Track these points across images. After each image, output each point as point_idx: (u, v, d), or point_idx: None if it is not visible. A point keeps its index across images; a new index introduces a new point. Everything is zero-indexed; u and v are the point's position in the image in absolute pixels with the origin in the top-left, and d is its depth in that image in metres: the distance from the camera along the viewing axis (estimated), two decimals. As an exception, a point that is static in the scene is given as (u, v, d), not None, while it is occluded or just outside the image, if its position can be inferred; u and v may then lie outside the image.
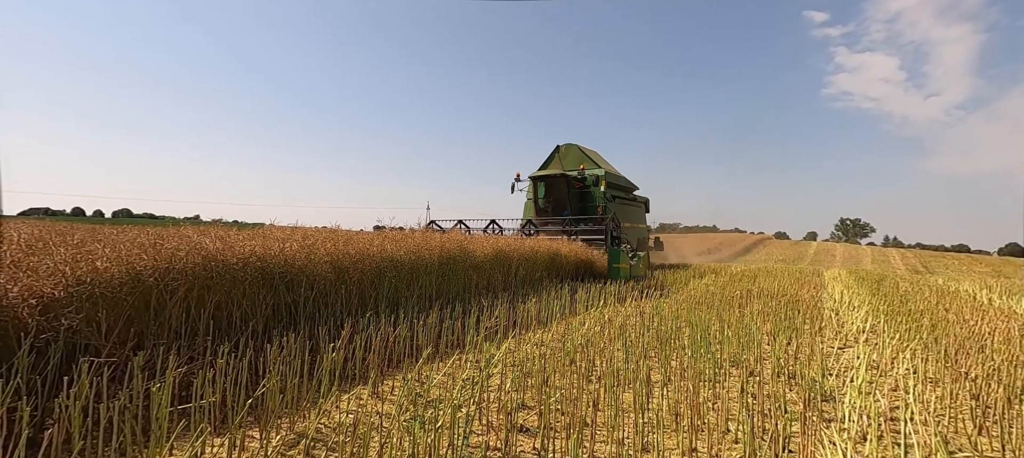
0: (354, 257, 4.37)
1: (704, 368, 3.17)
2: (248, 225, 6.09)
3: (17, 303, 2.16)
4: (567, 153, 13.88)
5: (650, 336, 4.13)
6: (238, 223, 7.43)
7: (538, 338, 4.17)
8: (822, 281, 11.03)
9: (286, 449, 2.07)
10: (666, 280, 9.92)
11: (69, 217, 32.83)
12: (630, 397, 2.73)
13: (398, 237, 5.62)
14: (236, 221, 8.50)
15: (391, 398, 2.80)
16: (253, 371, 2.81)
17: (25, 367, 2.11)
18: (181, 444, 2.06)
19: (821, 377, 3.12)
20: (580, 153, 13.68)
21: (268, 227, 5.22)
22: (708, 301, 6.59)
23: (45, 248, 2.76)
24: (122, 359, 2.47)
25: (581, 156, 13.62)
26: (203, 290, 3.05)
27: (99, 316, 2.48)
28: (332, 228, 5.89)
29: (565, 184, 12.46)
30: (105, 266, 2.59)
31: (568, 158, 13.64)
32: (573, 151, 13.84)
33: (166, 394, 1.98)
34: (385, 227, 7.37)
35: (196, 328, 3.03)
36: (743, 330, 4.23)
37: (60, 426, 1.81)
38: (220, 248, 3.23)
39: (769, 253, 38.84)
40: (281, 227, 5.32)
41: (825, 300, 7.51)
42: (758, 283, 9.42)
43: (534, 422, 2.48)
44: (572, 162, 13.32)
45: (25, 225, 3.95)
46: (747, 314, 5.40)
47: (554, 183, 12.64)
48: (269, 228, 5.07)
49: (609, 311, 5.55)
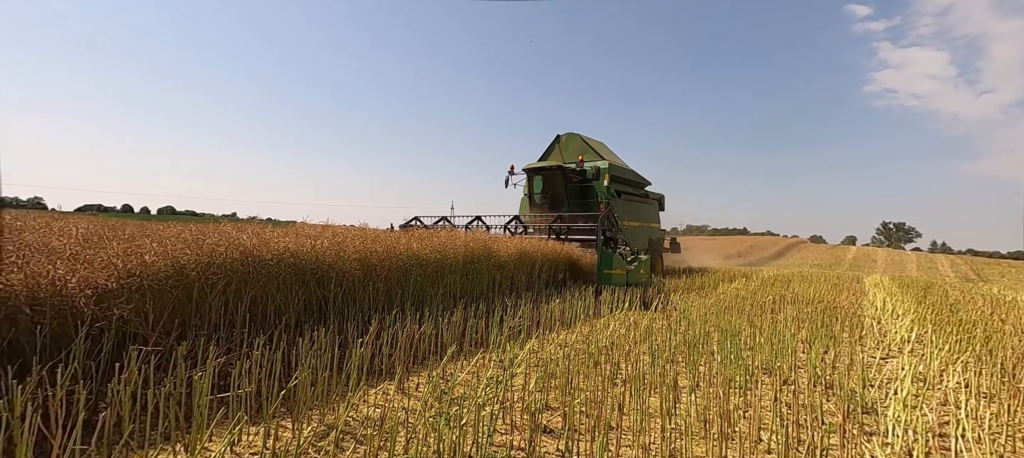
0: (381, 255, 4.47)
1: (734, 375, 3.06)
2: (281, 223, 6.33)
3: (75, 293, 2.32)
4: (568, 143, 12.40)
5: (677, 340, 4.03)
6: (272, 220, 7.73)
7: (562, 339, 4.14)
8: (862, 287, 10.49)
9: (317, 440, 2.14)
10: (679, 286, 9.65)
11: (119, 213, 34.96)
12: (656, 402, 2.67)
13: (424, 236, 5.70)
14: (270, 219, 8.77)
15: (416, 394, 2.84)
16: (286, 364, 2.91)
17: (81, 353, 2.26)
18: (219, 431, 2.16)
19: (862, 388, 2.97)
20: (582, 143, 12.18)
21: (300, 225, 5.40)
22: (738, 306, 6.38)
23: (99, 242, 2.95)
24: (167, 348, 2.62)
25: (583, 147, 12.10)
26: (240, 284, 3.18)
27: (147, 307, 2.63)
28: (360, 226, 6.04)
29: (561, 177, 11.01)
30: (153, 260, 2.74)
31: (569, 149, 12.19)
32: (575, 141, 12.33)
33: (206, 383, 2.08)
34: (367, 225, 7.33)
35: (234, 320, 3.17)
36: (776, 337, 4.07)
37: (112, 409, 1.93)
38: (256, 244, 3.37)
39: (804, 257, 37.22)
40: (312, 225, 5.50)
41: (865, 308, 7.13)
42: (792, 288, 9.04)
43: (558, 423, 2.46)
44: (573, 153, 11.87)
45: (82, 220, 4.24)
46: (780, 320, 5.19)
47: (550, 176, 11.24)
48: (301, 226, 5.25)
49: (635, 314, 5.46)
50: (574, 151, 12.01)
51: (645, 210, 13.07)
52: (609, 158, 11.94)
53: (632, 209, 12.08)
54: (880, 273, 20.24)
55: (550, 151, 12.62)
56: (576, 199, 11.17)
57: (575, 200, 11.15)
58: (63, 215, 6.96)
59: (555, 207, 11.06)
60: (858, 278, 13.74)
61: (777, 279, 11.46)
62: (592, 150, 11.95)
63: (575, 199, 11.16)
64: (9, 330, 2.14)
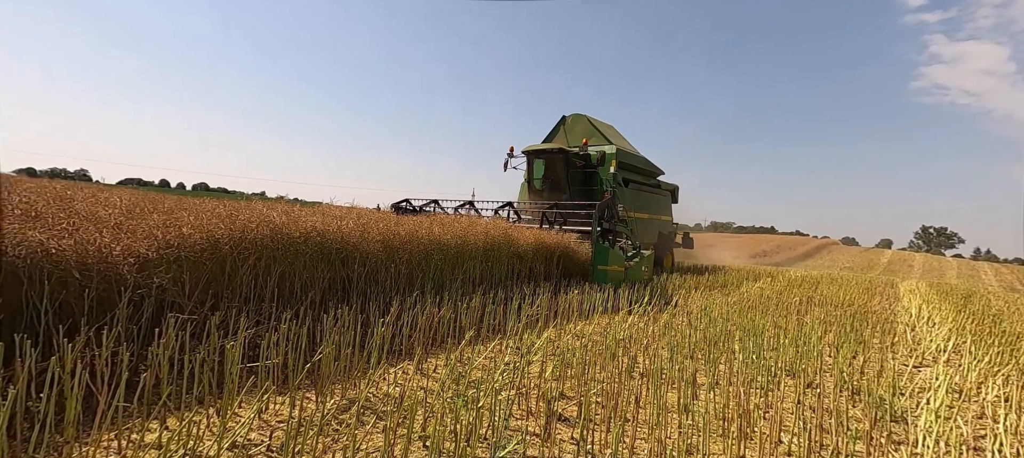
0: (404, 238, 4.54)
1: (756, 374, 3.00)
2: (308, 203, 6.50)
3: (119, 260, 2.45)
4: (574, 126, 11.31)
5: (698, 337, 3.97)
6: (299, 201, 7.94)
7: (579, 330, 4.14)
8: (896, 293, 10.04)
9: (339, 413, 2.21)
10: (701, 284, 9.44)
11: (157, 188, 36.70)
12: (674, 397, 2.65)
13: (446, 221, 5.75)
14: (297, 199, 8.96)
15: (434, 376, 2.90)
16: (311, 338, 3.02)
17: (124, 318, 2.40)
18: (248, 399, 2.26)
19: (891, 396, 2.86)
20: (589, 126, 11.09)
21: (326, 205, 5.54)
22: (763, 305, 6.22)
23: (141, 214, 3.11)
24: (201, 317, 2.75)
25: (589, 130, 11.02)
26: (270, 260, 3.30)
27: (184, 277, 2.76)
28: (385, 210, 6.14)
29: (563, 161, 10.06)
30: (190, 233, 2.87)
31: (575, 132, 11.12)
32: (581, 123, 11.24)
33: (237, 352, 2.18)
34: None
35: (263, 294, 3.30)
36: (801, 338, 3.95)
37: (151, 372, 2.05)
38: (285, 222, 3.48)
39: (834, 259, 35.82)
40: (338, 206, 5.62)
41: (899, 314, 6.83)
42: (820, 290, 8.74)
43: (573, 412, 2.47)
44: (579, 137, 10.92)
45: (125, 193, 4.46)
46: (806, 322, 5.04)
47: (551, 160, 10.33)
48: (327, 206, 5.38)
49: (654, 309, 5.40)
50: (580, 134, 10.99)
51: (656, 201, 12.08)
52: (618, 143, 10.89)
53: (641, 199, 11.08)
54: (917, 279, 19.31)
55: (554, 133, 11.58)
56: (578, 186, 10.18)
57: (577, 187, 10.17)
58: (107, 187, 7.35)
59: (555, 194, 10.17)
60: (892, 283, 13.15)
61: (804, 280, 11.09)
62: (599, 134, 10.91)
63: (577, 186, 10.18)
64: (61, 292, 2.28)
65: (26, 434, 1.71)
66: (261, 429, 2.04)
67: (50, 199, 3.07)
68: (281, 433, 2.01)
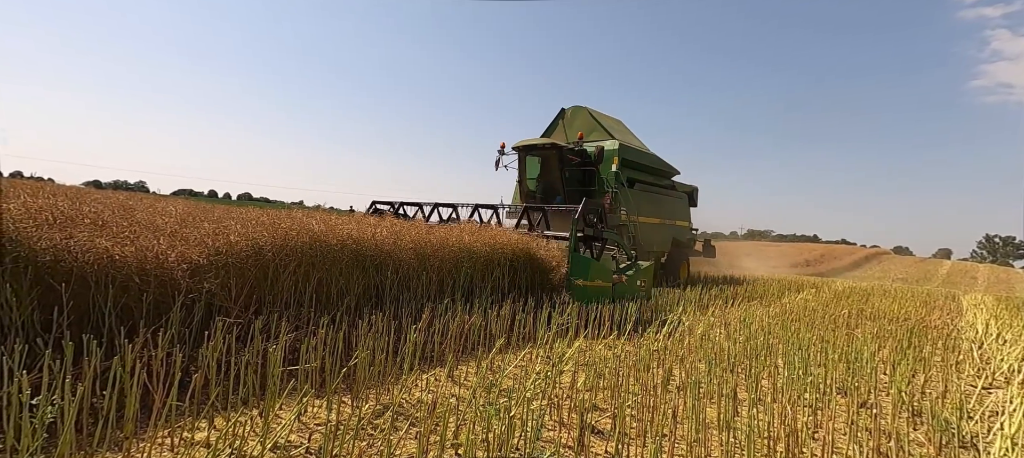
0: (435, 246, 4.61)
1: (803, 391, 2.83)
2: (342, 211, 6.72)
3: (174, 266, 2.61)
4: (573, 119, 10.17)
5: (737, 350, 3.80)
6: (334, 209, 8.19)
7: (610, 340, 4.05)
8: (958, 307, 9.26)
9: (374, 418, 2.25)
10: (739, 294, 9.02)
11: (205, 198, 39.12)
12: (714, 413, 2.53)
13: (475, 229, 5.80)
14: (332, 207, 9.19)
15: (465, 383, 2.91)
16: (346, 343, 3.10)
17: (177, 321, 2.55)
18: (288, 401, 2.34)
19: (958, 419, 2.62)
20: (589, 119, 9.98)
21: (360, 214, 5.70)
22: (807, 318, 5.89)
23: (193, 222, 3.31)
24: (246, 321, 2.88)
25: (590, 123, 9.89)
26: (309, 267, 3.43)
27: (230, 282, 2.91)
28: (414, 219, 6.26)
29: (557, 158, 8.86)
30: (236, 240, 3.03)
31: (574, 126, 10.00)
32: (581, 117, 10.11)
33: (279, 355, 2.27)
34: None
35: (302, 300, 3.42)
36: (853, 354, 3.70)
37: (201, 373, 2.16)
38: (324, 230, 3.61)
39: (886, 270, 33.50)
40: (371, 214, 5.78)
41: (963, 330, 6.29)
42: (872, 303, 8.18)
43: (606, 425, 2.41)
44: (580, 132, 9.86)
45: (179, 203, 4.77)
46: (858, 337, 4.72)
47: (545, 158, 9.16)
48: (361, 215, 5.54)
49: (689, 319, 5.21)
50: (580, 129, 9.88)
51: (668, 204, 10.79)
52: (623, 138, 9.79)
53: (649, 202, 9.89)
54: (981, 292, 17.75)
55: (553, 128, 10.50)
56: (575, 186, 9.00)
57: (574, 187, 8.97)
58: (163, 198, 7.90)
59: (550, 196, 9.05)
60: (953, 296, 12.14)
61: (853, 291, 10.42)
62: (601, 128, 9.76)
63: (574, 186, 9.00)
64: (122, 296, 2.45)
65: (91, 429, 1.84)
66: (300, 431, 2.11)
67: (115, 209, 3.32)
68: (319, 436, 2.06)
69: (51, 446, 1.67)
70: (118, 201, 4.05)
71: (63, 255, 2.29)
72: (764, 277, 13.90)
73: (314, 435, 2.08)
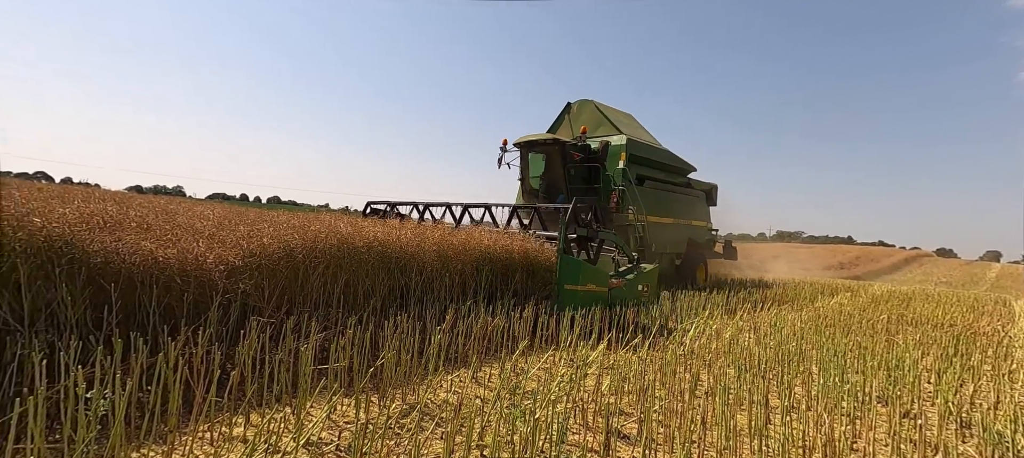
0: (457, 248, 4.65)
1: (840, 399, 2.71)
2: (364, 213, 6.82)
3: (212, 268, 2.73)
4: (579, 114, 9.61)
5: (768, 355, 3.68)
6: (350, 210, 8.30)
7: (635, 342, 3.99)
8: (1010, 313, 8.68)
9: (400, 417, 2.29)
10: (768, 298, 8.70)
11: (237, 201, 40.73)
12: (745, 420, 2.46)
13: (495, 232, 5.80)
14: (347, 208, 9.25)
15: (489, 385, 2.92)
16: (373, 343, 3.16)
17: (215, 320, 2.66)
18: (318, 399, 2.41)
19: (1012, 431, 2.46)
20: (596, 113, 9.41)
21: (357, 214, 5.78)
22: (843, 322, 5.65)
23: (229, 225, 3.45)
24: (278, 321, 2.98)
25: (596, 118, 9.34)
26: (337, 268, 3.52)
27: (264, 283, 3.01)
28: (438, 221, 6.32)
29: (559, 155, 8.41)
30: (269, 242, 3.14)
31: (580, 121, 9.41)
32: (587, 110, 9.55)
33: (309, 354, 2.34)
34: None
35: (330, 300, 3.52)
36: (893, 361, 3.53)
37: (238, 371, 2.25)
38: (351, 233, 3.70)
39: (928, 273, 31.73)
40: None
41: (1016, 337, 5.89)
42: (913, 308, 7.77)
43: (632, 430, 2.38)
44: (588, 127, 9.22)
45: (215, 207, 4.98)
46: (899, 343, 4.49)
47: (549, 155, 8.71)
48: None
49: (717, 323, 5.08)
50: (588, 124, 9.30)
51: (683, 203, 10.15)
52: (631, 132, 9.24)
53: (661, 200, 9.29)
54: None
55: (559, 123, 9.95)
56: (580, 184, 8.47)
57: (579, 185, 8.44)
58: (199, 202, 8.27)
59: (553, 195, 8.60)
60: (1004, 301, 11.39)
61: (892, 295, 9.92)
62: (608, 122, 9.21)
63: (579, 184, 8.47)
64: (165, 295, 2.58)
65: (137, 422, 1.94)
66: (330, 429, 2.16)
67: (158, 213, 3.50)
68: (348, 434, 2.11)
69: (103, 438, 1.78)
70: (160, 205, 4.27)
71: (113, 257, 2.43)
72: (795, 280, 13.38)
73: (344, 433, 2.13)
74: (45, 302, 2.25)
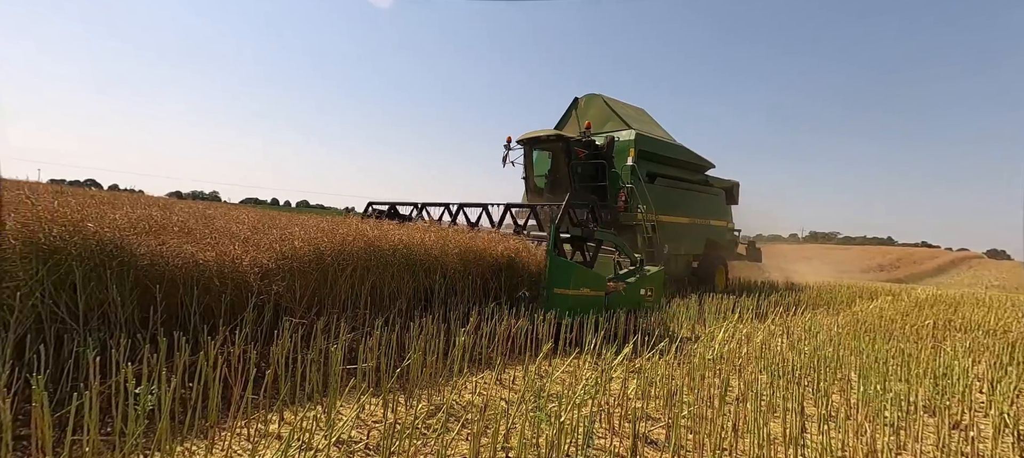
0: (479, 251, 4.68)
1: (882, 408, 2.58)
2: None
3: (247, 270, 2.85)
4: (587, 109, 9.14)
5: (803, 361, 3.54)
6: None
7: (662, 346, 3.91)
8: (1073, 319, 8.04)
9: (427, 418, 2.33)
10: (802, 301, 8.34)
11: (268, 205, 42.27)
12: (779, 428, 2.37)
13: (511, 237, 5.75)
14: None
15: (513, 387, 2.93)
16: (399, 345, 3.22)
17: (251, 320, 2.77)
18: (347, 399, 2.47)
19: (1078, 450, 2.28)
20: (604, 108, 8.92)
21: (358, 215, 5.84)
22: (884, 327, 5.37)
23: (263, 229, 3.59)
24: (309, 322, 3.07)
25: (604, 112, 8.86)
26: (364, 270, 3.60)
27: (295, 285, 3.12)
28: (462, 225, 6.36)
29: (564, 151, 8.02)
30: (300, 246, 3.25)
31: (588, 117, 8.94)
32: (595, 105, 9.07)
33: (339, 354, 2.40)
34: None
35: (358, 302, 3.60)
36: (941, 369, 3.33)
37: (272, 369, 2.33)
38: (377, 236, 3.78)
39: (977, 276, 29.75)
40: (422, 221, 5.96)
41: (1080, 345, 5.46)
42: (962, 313, 7.31)
43: (659, 435, 2.33)
44: (596, 123, 8.76)
45: (249, 211, 5.19)
46: (946, 350, 4.24)
47: (555, 152, 8.36)
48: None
49: (747, 327, 4.92)
50: (595, 120, 8.81)
51: (700, 201, 9.61)
52: (641, 127, 8.75)
53: (675, 199, 8.82)
54: (1103, 301, 15.29)
55: (566, 119, 9.51)
56: (586, 182, 8.07)
57: (585, 183, 8.05)
58: (234, 206, 8.63)
59: (559, 194, 8.02)
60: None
61: (938, 299, 9.36)
62: (617, 117, 8.72)
63: (585, 182, 8.07)
64: (205, 296, 2.71)
65: (181, 417, 2.04)
66: (359, 427, 2.21)
67: (197, 217, 3.68)
68: (377, 433, 2.16)
69: (149, 432, 1.88)
70: (198, 210, 4.48)
71: (158, 259, 2.57)
72: (830, 283, 12.75)
73: (372, 432, 2.18)
74: (98, 302, 2.39)
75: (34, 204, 2.46)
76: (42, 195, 2.73)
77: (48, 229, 2.32)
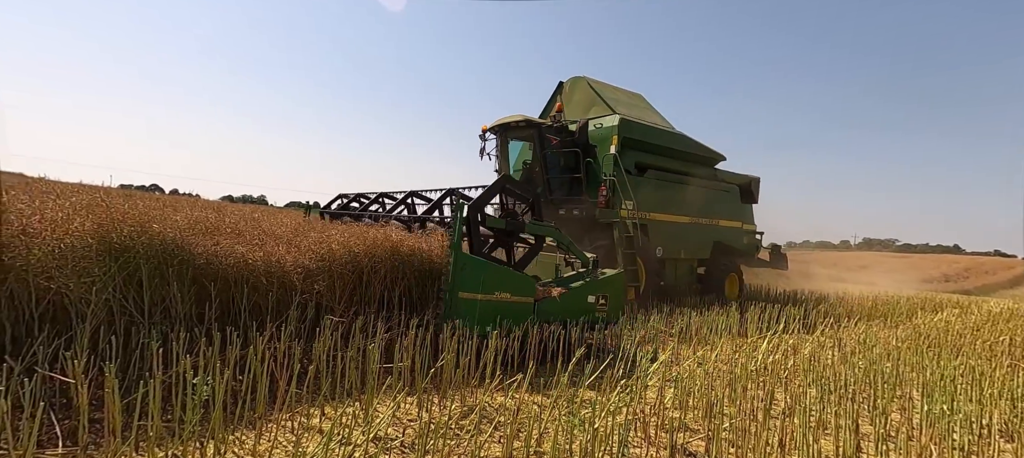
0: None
1: (949, 431, 2.37)
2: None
3: (291, 270, 3.00)
4: (573, 94, 8.15)
5: (857, 376, 3.31)
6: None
7: (700, 355, 3.77)
8: None
9: (460, 418, 2.35)
10: (848, 311, 7.76)
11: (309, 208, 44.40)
12: (830, 446, 2.23)
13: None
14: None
15: (545, 392, 2.91)
16: (434, 345, 3.28)
17: (295, 318, 2.91)
18: (383, 396, 2.54)
19: None
20: (588, 92, 7.90)
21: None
22: (952, 343, 4.94)
23: (304, 232, 3.76)
24: (348, 321, 3.19)
25: (588, 97, 7.86)
26: (394, 273, 3.69)
27: (334, 285, 3.24)
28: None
29: (537, 140, 7.12)
30: (337, 248, 3.38)
31: (573, 103, 8.02)
32: (581, 89, 8.05)
33: (376, 353, 2.47)
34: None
35: (392, 303, 3.70)
36: (1020, 390, 3.02)
37: (314, 366, 2.44)
38: (399, 240, 3.84)
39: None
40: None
41: None
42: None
43: (698, 447, 2.25)
44: (581, 109, 7.80)
45: (291, 214, 5.46)
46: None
47: (527, 140, 7.61)
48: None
49: (793, 338, 4.66)
50: (579, 105, 7.90)
51: (704, 198, 8.31)
52: (628, 112, 7.60)
53: (671, 194, 7.77)
54: None
55: (551, 105, 8.34)
56: (562, 173, 7.24)
57: (561, 175, 7.23)
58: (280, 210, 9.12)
59: (535, 186, 7.18)
60: None
61: (1015, 314, 8.49)
62: (602, 102, 7.64)
63: (561, 173, 7.23)
64: (254, 294, 2.87)
65: (232, 409, 2.17)
66: (395, 425, 2.27)
67: (247, 219, 3.90)
68: (412, 431, 2.20)
69: (205, 420, 2.00)
70: (247, 212, 4.76)
71: (213, 258, 2.75)
72: (887, 293, 11.84)
73: (407, 430, 2.23)
74: (160, 297, 2.59)
75: (108, 207, 2.69)
76: (114, 198, 2.99)
77: (120, 229, 2.54)
